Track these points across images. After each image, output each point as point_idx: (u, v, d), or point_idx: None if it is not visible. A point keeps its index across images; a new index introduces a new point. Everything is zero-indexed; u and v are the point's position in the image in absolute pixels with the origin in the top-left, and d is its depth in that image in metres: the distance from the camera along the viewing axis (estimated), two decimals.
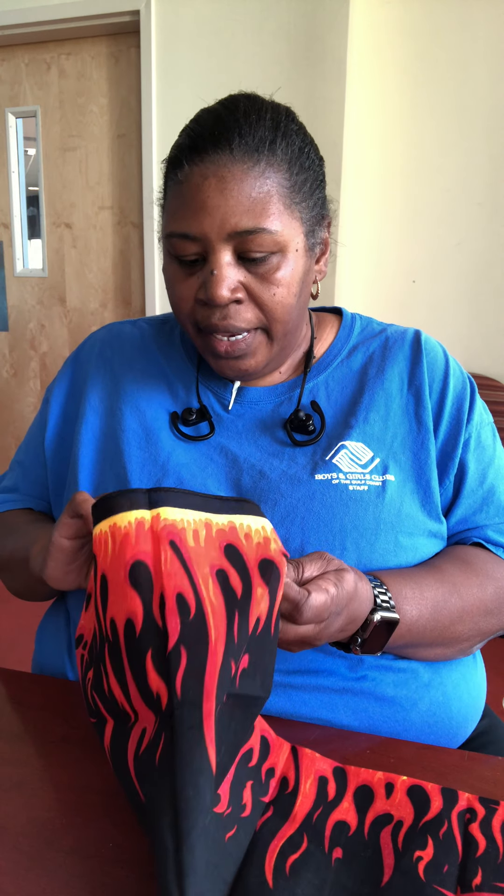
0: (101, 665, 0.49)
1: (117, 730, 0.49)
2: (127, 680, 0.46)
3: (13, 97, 2.71)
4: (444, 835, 0.49)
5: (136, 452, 0.74)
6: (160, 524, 0.47)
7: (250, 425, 0.75)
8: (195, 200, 0.63)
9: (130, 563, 0.46)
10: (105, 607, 0.47)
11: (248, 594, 0.47)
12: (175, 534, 0.47)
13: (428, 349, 0.77)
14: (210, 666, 0.43)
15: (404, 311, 2.34)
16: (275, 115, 0.65)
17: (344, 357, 0.78)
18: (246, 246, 0.63)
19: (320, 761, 0.56)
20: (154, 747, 0.44)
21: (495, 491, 0.75)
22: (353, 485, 0.69)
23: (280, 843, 0.48)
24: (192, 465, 0.73)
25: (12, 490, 0.88)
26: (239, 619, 0.46)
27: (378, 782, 0.54)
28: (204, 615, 0.45)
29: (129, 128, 2.57)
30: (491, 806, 0.52)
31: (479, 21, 2.09)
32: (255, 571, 0.48)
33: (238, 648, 0.46)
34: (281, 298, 0.66)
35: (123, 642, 0.45)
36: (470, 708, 0.70)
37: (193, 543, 0.47)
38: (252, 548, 0.49)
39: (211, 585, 0.46)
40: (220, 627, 0.45)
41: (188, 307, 0.68)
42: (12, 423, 3.05)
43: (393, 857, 0.47)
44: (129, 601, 0.45)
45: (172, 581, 0.45)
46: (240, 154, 0.62)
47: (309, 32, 2.16)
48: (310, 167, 0.67)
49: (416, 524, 0.70)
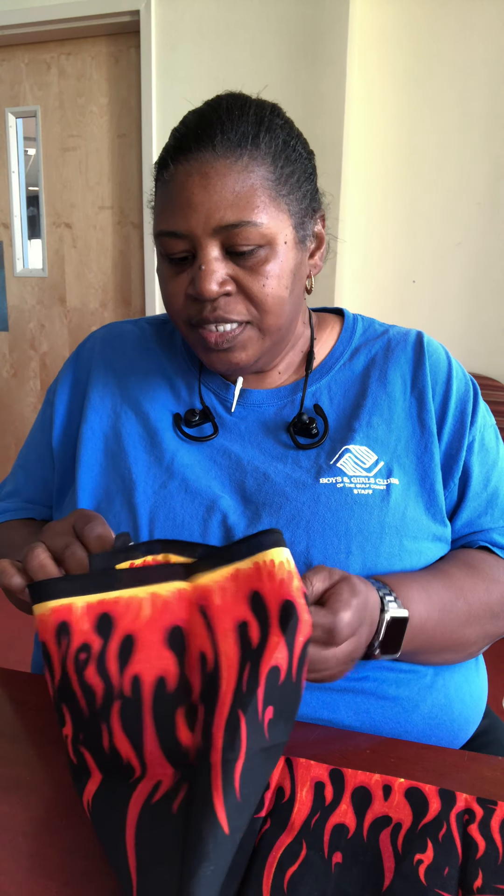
0: (100, 722, 0.49)
1: (108, 784, 0.49)
2: (143, 735, 0.48)
3: (13, 97, 2.71)
4: (443, 837, 0.49)
5: (141, 454, 0.74)
6: (194, 592, 0.52)
7: (253, 428, 0.75)
8: (180, 198, 0.64)
9: (169, 628, 0.51)
10: (124, 665, 0.49)
11: (263, 644, 0.49)
12: (204, 598, 0.52)
13: (430, 351, 0.77)
14: (217, 717, 0.46)
15: (404, 311, 2.34)
16: (258, 111, 0.66)
17: (346, 360, 0.78)
18: (232, 240, 0.64)
19: (315, 767, 0.56)
20: (173, 796, 0.46)
21: (499, 493, 0.75)
22: (358, 489, 0.69)
23: (279, 854, 0.47)
24: (196, 466, 0.73)
25: (14, 495, 0.87)
26: (249, 670, 0.48)
27: (375, 784, 0.54)
28: (219, 667, 0.48)
29: (129, 128, 2.57)
30: (489, 806, 0.51)
31: (479, 21, 2.09)
32: (274, 619, 0.50)
33: (248, 696, 0.47)
34: (271, 290, 0.66)
35: (151, 698, 0.49)
36: (471, 709, 0.70)
37: (220, 602, 0.51)
38: (275, 588, 0.51)
39: (230, 638, 0.50)
40: (230, 678, 0.48)
41: (180, 303, 0.68)
42: (12, 423, 3.05)
43: (393, 860, 0.47)
44: (164, 661, 0.50)
45: (197, 641, 0.50)
46: (222, 150, 0.62)
47: (309, 32, 2.16)
48: (296, 160, 0.67)
49: (420, 528, 0.69)
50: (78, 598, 0.51)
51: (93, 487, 0.75)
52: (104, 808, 0.47)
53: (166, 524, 0.69)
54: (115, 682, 0.49)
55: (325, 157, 2.16)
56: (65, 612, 0.50)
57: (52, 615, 0.50)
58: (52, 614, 0.50)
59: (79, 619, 0.50)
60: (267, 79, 2.21)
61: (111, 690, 0.49)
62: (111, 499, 0.73)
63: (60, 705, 0.51)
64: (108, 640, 0.50)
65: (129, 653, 0.50)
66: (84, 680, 0.49)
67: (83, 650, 0.50)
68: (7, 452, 3.07)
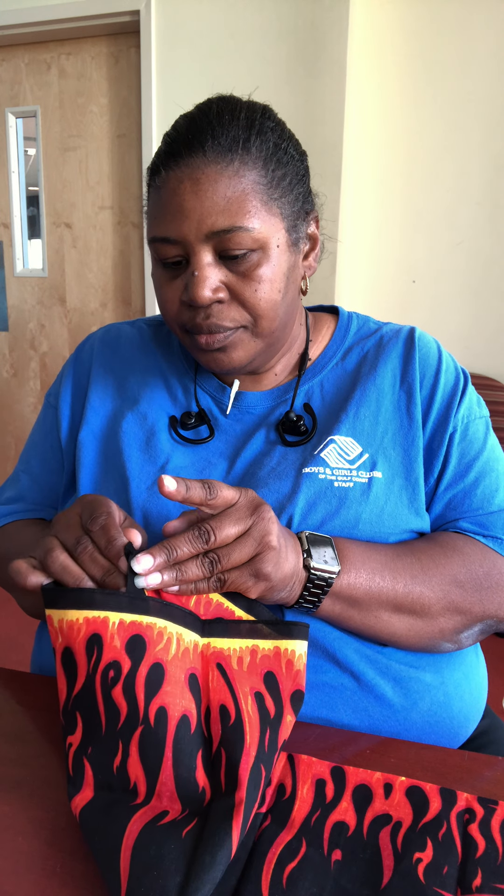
0: (118, 742, 0.49)
1: (100, 802, 0.48)
2: (161, 767, 0.49)
3: (13, 97, 2.71)
4: (443, 836, 0.49)
5: (136, 454, 0.75)
6: (209, 651, 0.55)
7: (247, 429, 0.76)
8: (172, 204, 0.64)
9: (189, 673, 0.53)
10: (152, 694, 0.50)
11: (279, 717, 0.53)
12: (222, 658, 0.55)
13: (421, 345, 0.77)
14: (244, 764, 0.49)
15: (404, 311, 2.34)
16: (249, 114, 0.65)
17: (339, 359, 0.78)
18: (225, 245, 0.64)
19: (317, 765, 0.56)
20: (182, 825, 0.47)
21: (478, 486, 0.73)
22: (339, 481, 0.69)
23: (278, 851, 0.47)
24: (191, 468, 0.73)
25: (16, 500, 0.86)
26: (270, 734, 0.52)
27: (377, 782, 0.54)
28: (242, 722, 0.51)
29: (129, 128, 2.57)
30: (490, 806, 0.52)
31: (479, 21, 2.09)
32: (287, 701, 0.54)
33: (268, 757, 0.51)
34: (264, 295, 0.66)
35: (174, 733, 0.49)
36: (471, 708, 0.70)
37: (237, 668, 0.55)
38: (290, 677, 0.55)
39: (250, 701, 0.53)
40: (254, 735, 0.51)
41: (174, 309, 0.69)
42: (12, 423, 3.05)
43: (392, 858, 0.47)
44: (188, 701, 0.51)
45: (217, 695, 0.53)
46: (213, 155, 0.63)
47: (309, 32, 2.16)
48: (288, 162, 0.67)
49: (398, 523, 0.69)
50: (115, 613, 0.51)
51: (92, 487, 0.76)
52: (98, 819, 0.47)
53: (159, 523, 0.70)
54: (141, 709, 0.49)
55: (325, 158, 2.16)
56: (100, 624, 0.50)
57: (85, 624, 0.50)
58: (86, 624, 0.50)
59: (112, 636, 0.50)
60: (266, 79, 2.21)
61: (136, 715, 0.49)
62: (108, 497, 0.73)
63: (74, 712, 0.51)
64: (139, 664, 0.50)
65: (159, 683, 0.50)
66: (110, 698, 0.50)
67: (112, 667, 0.50)
68: (7, 452, 3.07)
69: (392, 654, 0.67)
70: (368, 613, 0.64)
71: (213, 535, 0.55)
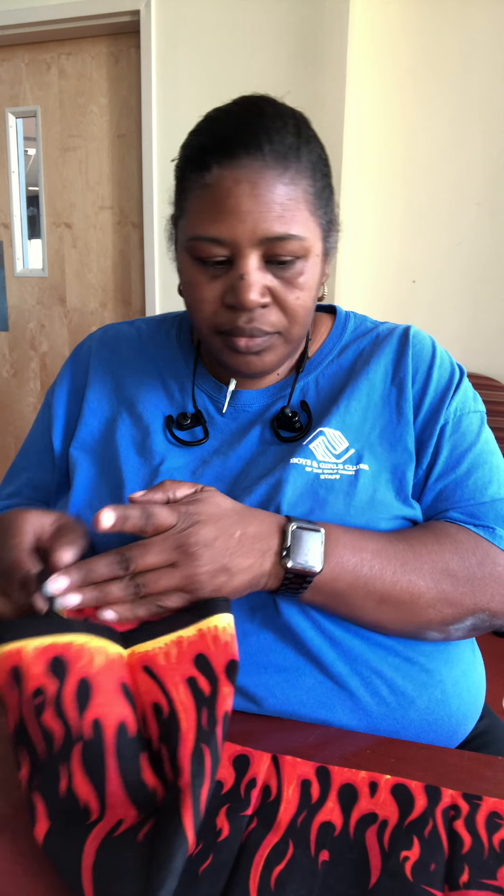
0: (59, 765, 0.49)
1: (57, 828, 0.47)
2: (106, 777, 0.48)
3: (13, 97, 2.71)
4: (429, 833, 0.49)
5: (132, 455, 0.75)
6: (134, 657, 0.55)
7: (243, 427, 0.76)
8: (226, 204, 0.62)
9: (120, 683, 0.52)
10: (83, 709, 0.49)
11: (215, 693, 0.53)
12: (147, 660, 0.54)
13: (415, 341, 0.77)
14: (183, 750, 0.49)
15: (404, 311, 2.34)
16: (296, 122, 0.66)
17: (335, 356, 0.79)
18: (275, 251, 0.64)
19: (301, 765, 0.56)
20: (138, 829, 0.46)
21: (470, 477, 0.72)
22: (325, 474, 0.69)
23: (265, 853, 0.47)
24: (185, 469, 0.74)
25: (16, 496, 0.87)
26: (207, 712, 0.51)
27: (362, 781, 0.54)
28: (175, 711, 0.51)
29: (129, 128, 2.57)
30: (474, 802, 0.52)
31: (479, 21, 2.09)
32: (222, 675, 0.54)
33: (209, 735, 0.50)
34: (303, 302, 0.67)
35: (114, 742, 0.49)
36: (469, 706, 0.70)
37: (164, 662, 0.54)
38: (220, 650, 0.54)
39: (181, 689, 0.52)
40: (190, 719, 0.50)
41: (211, 310, 0.68)
42: (12, 423, 3.05)
43: (379, 857, 0.47)
44: (122, 708, 0.51)
45: (149, 697, 0.52)
46: (272, 160, 0.62)
47: (309, 32, 2.16)
48: (327, 174, 0.69)
49: (388, 509, 0.69)
50: (28, 640, 0.51)
51: (86, 488, 0.75)
52: (58, 845, 0.46)
53: None
54: (75, 725, 0.49)
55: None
56: (15, 655, 0.50)
57: (4, 660, 0.50)
58: (5, 659, 0.50)
59: (30, 664, 0.50)
60: (267, 78, 2.21)
61: (70, 733, 0.49)
62: (102, 499, 0.73)
63: (18, 749, 0.50)
64: (63, 683, 0.50)
65: (87, 697, 0.50)
66: (42, 724, 0.49)
67: (38, 694, 0.49)
68: (7, 452, 3.07)
69: (390, 653, 0.67)
70: (353, 604, 0.64)
71: (132, 563, 0.56)
